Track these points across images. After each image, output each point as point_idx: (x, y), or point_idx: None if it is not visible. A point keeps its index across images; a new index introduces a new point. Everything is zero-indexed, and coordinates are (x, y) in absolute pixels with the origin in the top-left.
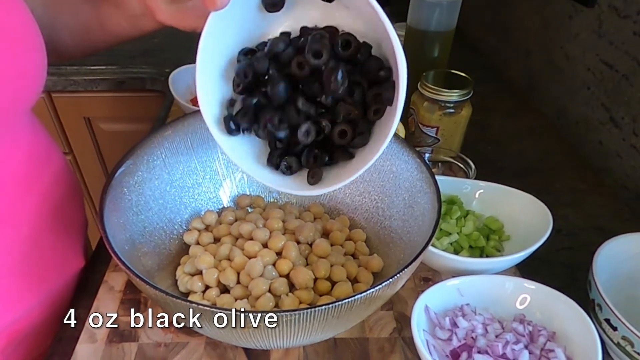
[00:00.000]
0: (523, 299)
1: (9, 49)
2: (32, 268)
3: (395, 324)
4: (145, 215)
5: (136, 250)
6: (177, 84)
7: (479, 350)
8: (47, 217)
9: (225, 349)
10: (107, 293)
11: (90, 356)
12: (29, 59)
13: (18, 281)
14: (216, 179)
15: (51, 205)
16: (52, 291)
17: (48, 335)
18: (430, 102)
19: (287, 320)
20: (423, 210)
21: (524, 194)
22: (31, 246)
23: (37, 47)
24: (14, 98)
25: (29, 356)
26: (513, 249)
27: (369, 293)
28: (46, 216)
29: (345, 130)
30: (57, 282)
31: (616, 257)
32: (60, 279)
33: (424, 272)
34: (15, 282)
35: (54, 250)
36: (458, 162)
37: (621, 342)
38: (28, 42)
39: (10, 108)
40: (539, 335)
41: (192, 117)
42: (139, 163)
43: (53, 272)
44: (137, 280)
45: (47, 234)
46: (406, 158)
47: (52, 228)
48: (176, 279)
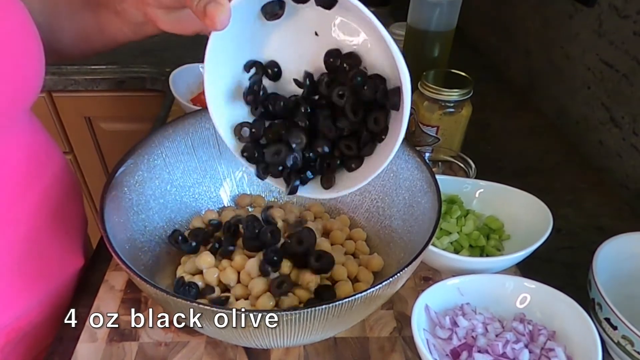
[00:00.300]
0: (523, 298)
1: (8, 51)
2: (31, 267)
3: (396, 323)
4: (145, 215)
5: (137, 250)
6: (178, 84)
7: (479, 349)
8: (47, 217)
9: (226, 348)
10: (108, 292)
11: (90, 355)
12: (28, 60)
13: (17, 280)
14: (217, 178)
15: (51, 205)
16: (52, 290)
17: (48, 334)
18: (431, 101)
19: (288, 319)
20: (423, 209)
21: (524, 193)
22: (31, 245)
23: (35, 48)
24: (13, 98)
25: (29, 355)
26: (513, 248)
27: (370, 292)
28: (46, 215)
29: (350, 145)
30: (57, 281)
31: (616, 257)
32: (60, 278)
33: (424, 272)
34: (14, 281)
35: (54, 249)
36: (458, 162)
37: (621, 341)
38: (27, 43)
39: (10, 108)
40: (539, 334)
41: (192, 117)
42: (140, 162)
43: (53, 271)
44: (138, 280)
45: (47, 233)
46: (406, 157)
47: (52, 227)
48: (177, 278)
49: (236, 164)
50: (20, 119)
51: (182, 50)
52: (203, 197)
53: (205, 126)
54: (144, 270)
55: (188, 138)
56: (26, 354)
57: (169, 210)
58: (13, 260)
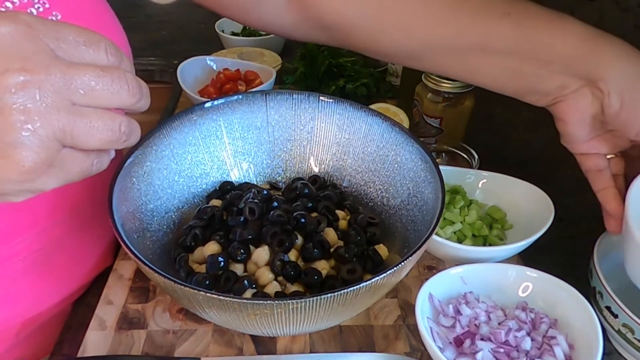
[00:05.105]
0: (525, 286)
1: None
2: (64, 268)
3: (400, 312)
4: (154, 205)
5: (145, 239)
6: (186, 76)
7: (482, 337)
8: (82, 218)
9: (233, 335)
10: (117, 281)
11: (100, 343)
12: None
13: (45, 279)
14: (224, 169)
15: (86, 205)
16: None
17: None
18: (434, 93)
19: (294, 307)
20: (427, 199)
21: (527, 183)
22: (63, 246)
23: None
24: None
25: (44, 341)
26: (515, 237)
27: (374, 281)
28: (82, 217)
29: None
30: (85, 279)
31: (617, 246)
32: (88, 277)
33: (428, 261)
34: (42, 280)
35: (86, 251)
36: (461, 152)
37: (622, 330)
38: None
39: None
40: (541, 322)
41: (199, 108)
42: (148, 153)
43: (83, 272)
44: (146, 269)
45: (80, 235)
46: (410, 148)
47: (85, 229)
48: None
49: (243, 155)
50: None
51: (190, 43)
52: (210, 187)
53: (212, 118)
54: (152, 259)
55: (195, 129)
56: (42, 340)
57: (177, 201)
58: (43, 260)
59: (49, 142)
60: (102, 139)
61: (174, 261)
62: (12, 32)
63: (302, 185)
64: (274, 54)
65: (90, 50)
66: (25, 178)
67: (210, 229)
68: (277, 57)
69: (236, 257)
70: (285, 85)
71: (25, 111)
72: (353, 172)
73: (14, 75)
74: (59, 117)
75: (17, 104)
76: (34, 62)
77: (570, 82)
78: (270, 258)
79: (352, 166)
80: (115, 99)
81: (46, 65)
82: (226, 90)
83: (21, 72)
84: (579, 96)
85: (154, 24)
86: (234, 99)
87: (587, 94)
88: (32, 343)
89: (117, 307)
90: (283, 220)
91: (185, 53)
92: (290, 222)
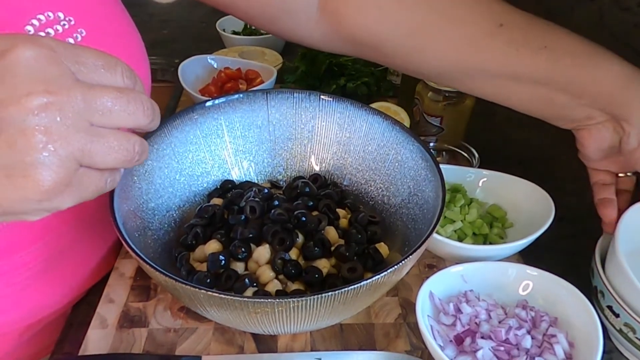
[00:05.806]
0: (526, 285)
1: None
2: (67, 272)
3: (401, 310)
4: (155, 203)
5: (146, 238)
6: (187, 75)
7: (483, 335)
8: (85, 224)
9: (234, 334)
10: (118, 279)
11: (101, 341)
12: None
13: (49, 283)
14: (224, 167)
15: (90, 212)
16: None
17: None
18: (435, 92)
19: (295, 306)
20: (427, 198)
21: (527, 182)
22: (66, 251)
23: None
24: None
25: (48, 340)
26: (516, 236)
27: (375, 279)
28: (85, 224)
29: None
30: (89, 282)
31: None
32: (92, 280)
33: (428, 259)
34: (46, 284)
35: (89, 255)
36: (462, 151)
37: (623, 329)
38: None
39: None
40: (542, 321)
41: (200, 107)
42: (149, 152)
43: (85, 275)
44: (148, 267)
45: (84, 242)
46: (411, 147)
47: (90, 235)
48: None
49: (244, 154)
50: None
51: (191, 42)
52: (211, 186)
53: (213, 116)
54: (153, 258)
55: (196, 128)
56: (44, 340)
57: (178, 199)
58: (49, 268)
59: (68, 162)
60: (118, 158)
61: (175, 260)
62: (36, 56)
63: (302, 183)
64: (275, 53)
65: (107, 73)
66: (44, 197)
67: (211, 227)
68: (278, 56)
69: (237, 255)
70: (286, 84)
71: (46, 132)
72: (354, 170)
73: (38, 97)
74: (79, 137)
75: (39, 125)
76: (57, 84)
77: (596, 115)
78: (271, 256)
79: (353, 165)
80: (132, 119)
81: (68, 87)
82: (227, 89)
83: (45, 95)
84: (602, 128)
85: (155, 23)
86: (234, 98)
87: (609, 127)
88: (34, 343)
89: (118, 306)
90: (284, 219)
91: (186, 52)
92: (291, 221)
